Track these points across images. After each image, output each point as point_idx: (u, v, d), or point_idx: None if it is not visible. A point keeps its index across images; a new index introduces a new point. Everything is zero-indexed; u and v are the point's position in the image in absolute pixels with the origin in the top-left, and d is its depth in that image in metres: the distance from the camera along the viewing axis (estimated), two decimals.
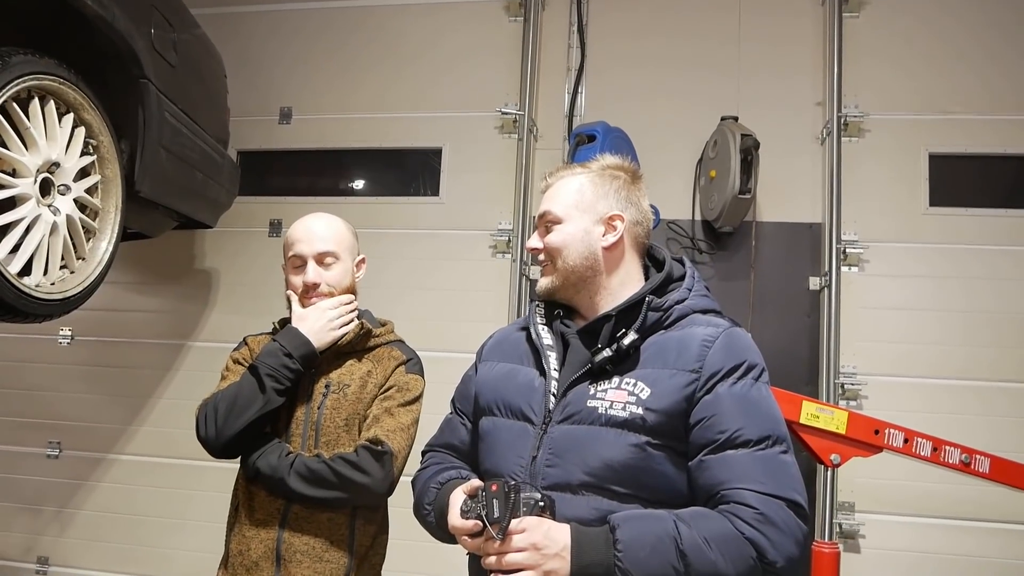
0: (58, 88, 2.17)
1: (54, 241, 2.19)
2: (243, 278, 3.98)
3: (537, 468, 1.43)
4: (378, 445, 1.85)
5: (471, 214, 3.83)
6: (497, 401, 1.57)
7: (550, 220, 1.56)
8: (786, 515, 1.30)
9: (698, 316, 1.50)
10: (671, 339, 1.46)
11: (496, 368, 1.64)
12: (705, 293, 1.56)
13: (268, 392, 1.86)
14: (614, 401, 1.41)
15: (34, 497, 4.00)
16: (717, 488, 1.33)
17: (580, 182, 1.58)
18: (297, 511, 1.87)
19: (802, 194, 3.64)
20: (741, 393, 1.39)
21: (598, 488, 1.38)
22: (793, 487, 1.33)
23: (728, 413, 1.37)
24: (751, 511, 1.29)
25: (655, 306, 1.49)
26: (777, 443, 1.37)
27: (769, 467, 1.34)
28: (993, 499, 3.13)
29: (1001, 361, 3.36)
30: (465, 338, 3.66)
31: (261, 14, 4.18)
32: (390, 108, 3.99)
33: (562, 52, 3.93)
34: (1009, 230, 3.44)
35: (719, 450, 1.35)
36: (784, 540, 1.28)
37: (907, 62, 3.62)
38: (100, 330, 4.02)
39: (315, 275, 1.98)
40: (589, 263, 1.53)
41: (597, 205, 1.55)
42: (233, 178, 3.57)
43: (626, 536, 1.29)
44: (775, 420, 1.40)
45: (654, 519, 1.32)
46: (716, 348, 1.42)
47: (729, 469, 1.33)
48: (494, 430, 1.55)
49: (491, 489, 1.35)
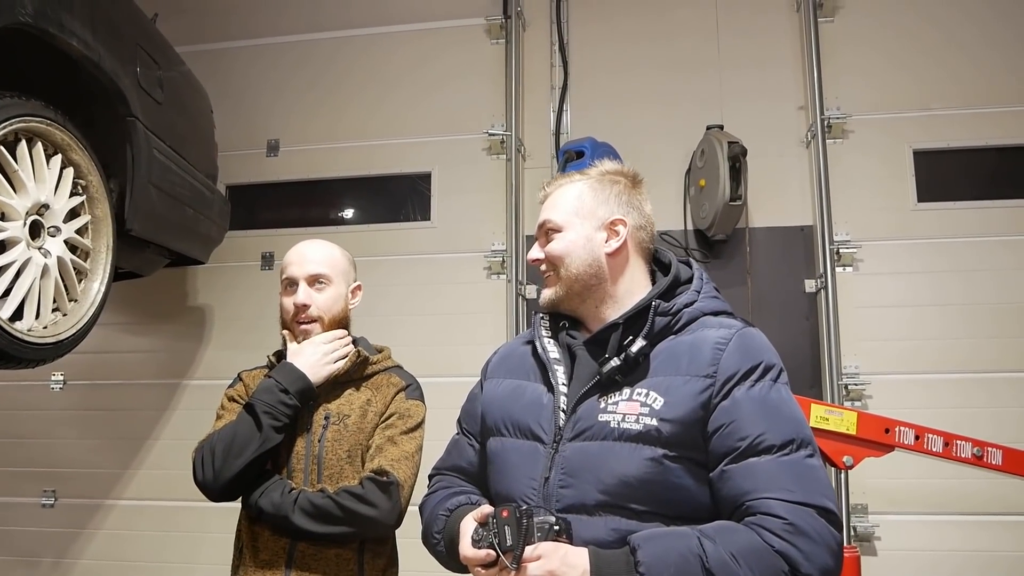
0: (45, 129, 2.15)
1: (45, 284, 2.16)
2: (237, 313, 3.95)
3: (550, 490, 1.37)
4: (383, 476, 1.81)
5: (463, 237, 3.82)
6: (505, 420, 1.51)
7: (550, 229, 1.52)
8: (818, 524, 1.22)
9: (709, 318, 1.45)
10: (682, 344, 1.40)
11: (502, 385, 1.58)
12: (715, 295, 1.51)
13: (266, 430, 1.81)
14: (627, 414, 1.35)
15: (30, 548, 3.92)
16: (741, 499, 1.26)
17: (579, 189, 1.53)
18: (303, 549, 1.82)
19: (792, 198, 3.66)
20: (760, 396, 1.32)
21: (616, 507, 1.32)
22: (823, 492, 1.26)
23: (748, 418, 1.30)
24: (779, 522, 1.21)
25: (663, 311, 1.43)
26: (802, 447, 1.29)
27: (795, 473, 1.27)
28: (1005, 491, 3.12)
29: (1003, 351, 3.37)
30: (464, 362, 3.66)
31: (245, 49, 4.19)
32: (377, 135, 4.00)
33: (545, 71, 3.96)
34: (998, 220, 3.47)
35: (741, 458, 1.28)
36: (817, 551, 1.21)
37: (885, 62, 3.66)
38: (93, 373, 3.97)
39: (305, 296, 1.95)
40: (593, 270, 1.48)
41: (598, 211, 1.51)
42: (223, 213, 3.55)
43: (648, 557, 1.22)
44: (798, 422, 1.33)
45: (677, 537, 1.25)
46: (730, 350, 1.36)
47: (753, 478, 1.26)
48: (503, 451, 1.49)
49: (502, 515, 1.29)
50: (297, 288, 1.96)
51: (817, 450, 1.33)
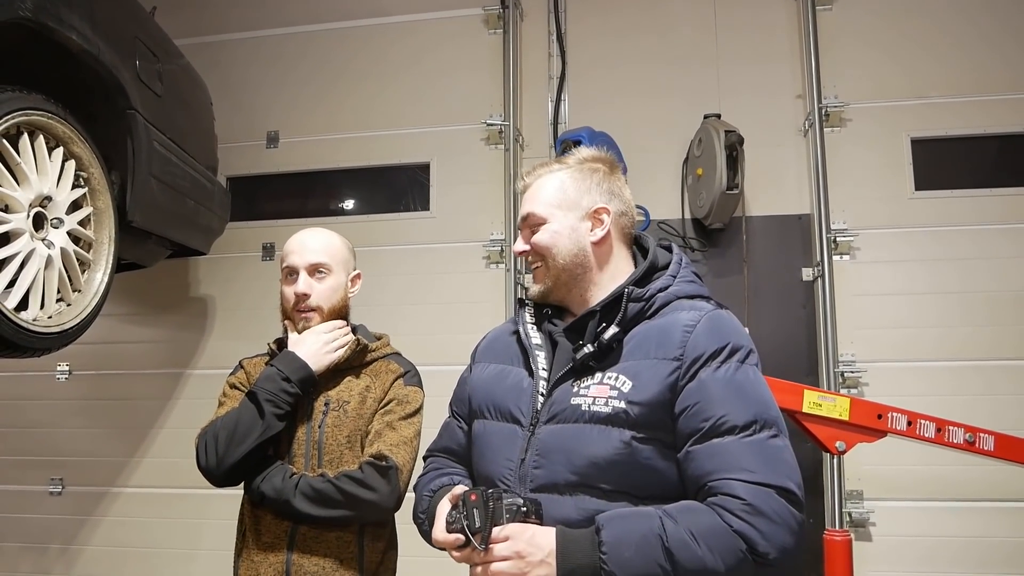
0: (47, 123, 2.18)
1: (49, 274, 2.20)
2: (239, 303, 3.98)
3: (525, 470, 1.41)
4: (383, 460, 1.84)
5: (462, 226, 3.85)
6: (488, 403, 1.55)
7: (534, 222, 1.54)
8: (777, 504, 1.24)
9: (682, 302, 1.46)
10: (654, 328, 1.42)
11: (488, 369, 1.62)
12: (691, 279, 1.52)
13: (268, 418, 1.85)
14: (596, 397, 1.37)
15: (39, 535, 3.98)
16: (704, 479, 1.28)
17: (560, 179, 1.54)
18: (305, 532, 1.86)
19: (789, 186, 3.68)
20: (725, 377, 1.34)
21: (585, 487, 1.35)
22: (785, 473, 1.27)
23: (712, 399, 1.31)
24: (739, 502, 1.23)
25: (636, 296, 1.45)
26: (766, 427, 1.30)
27: (758, 454, 1.28)
28: (1000, 477, 3.14)
29: (999, 339, 3.38)
30: (463, 350, 3.61)
31: (244, 41, 4.21)
32: (376, 126, 4.02)
33: (543, 61, 3.96)
34: (995, 208, 3.47)
35: (704, 439, 1.30)
36: (776, 531, 1.22)
37: (882, 50, 3.67)
38: (98, 363, 4.02)
39: (306, 286, 1.98)
40: (579, 260, 1.50)
41: (581, 200, 1.52)
42: (224, 204, 3.58)
43: (610, 537, 1.25)
44: (763, 403, 1.34)
45: (640, 517, 1.28)
46: (698, 332, 1.37)
47: (715, 458, 1.28)
48: (485, 433, 1.54)
49: (471, 499, 1.32)
50: (297, 277, 1.99)
51: (783, 431, 1.34)
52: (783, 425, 1.35)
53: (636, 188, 4.01)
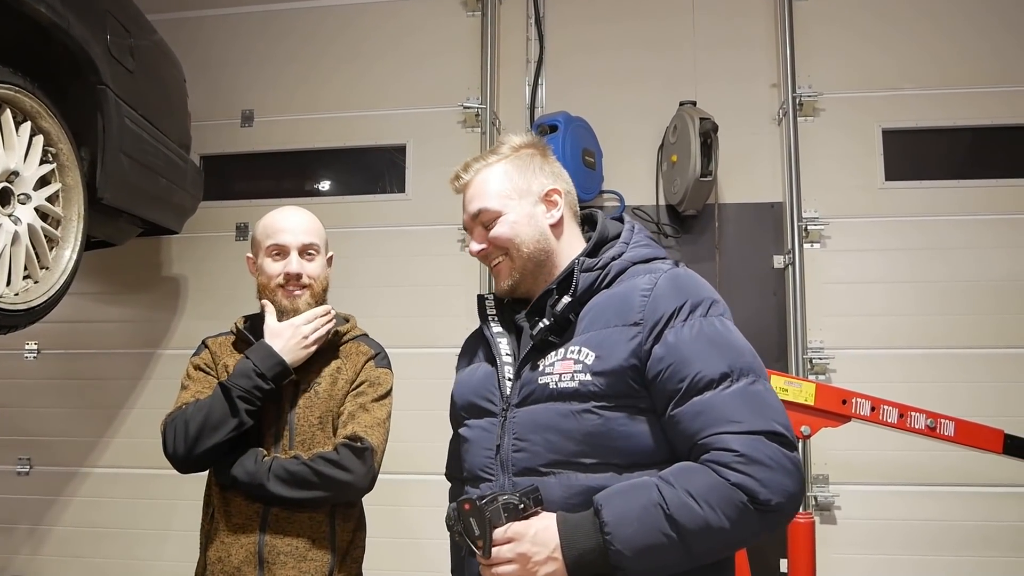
0: (14, 96, 2.14)
1: (16, 251, 2.16)
2: (211, 283, 3.95)
3: (504, 456, 1.40)
4: (358, 441, 1.85)
5: (438, 209, 3.83)
6: (463, 406, 1.55)
7: (488, 218, 1.50)
8: (770, 449, 1.22)
9: (638, 267, 1.44)
10: (612, 296, 1.41)
11: (462, 374, 1.63)
12: (645, 243, 1.50)
13: (240, 415, 1.84)
14: (562, 373, 1.36)
15: (6, 515, 3.94)
16: (694, 439, 1.26)
17: (503, 169, 1.52)
18: (277, 513, 1.86)
19: (762, 174, 3.71)
20: (691, 335, 1.31)
21: (568, 464, 1.34)
22: (771, 417, 1.25)
23: (682, 359, 1.29)
24: (731, 454, 1.21)
25: (587, 267, 1.43)
26: (743, 375, 1.28)
27: (740, 403, 1.26)
28: (961, 463, 3.23)
29: (964, 327, 3.46)
30: (437, 333, 3.71)
31: (219, 18, 4.15)
32: (352, 107, 3.98)
33: (521, 44, 3.96)
34: (964, 200, 3.54)
35: (684, 400, 1.28)
36: (774, 476, 1.20)
37: (856, 41, 3.70)
38: (67, 342, 3.97)
39: (299, 266, 1.97)
40: (542, 245, 1.49)
41: (531, 185, 1.50)
42: (197, 183, 3.54)
43: (611, 515, 1.23)
44: (735, 351, 1.32)
45: (638, 489, 1.25)
46: (655, 295, 1.35)
47: (699, 417, 1.26)
48: (468, 433, 1.53)
49: (464, 508, 1.30)
50: (286, 256, 1.98)
51: (761, 375, 1.32)
52: (760, 369, 1.33)
53: (611, 174, 4.07)
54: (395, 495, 3.41)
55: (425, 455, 3.53)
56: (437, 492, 3.53)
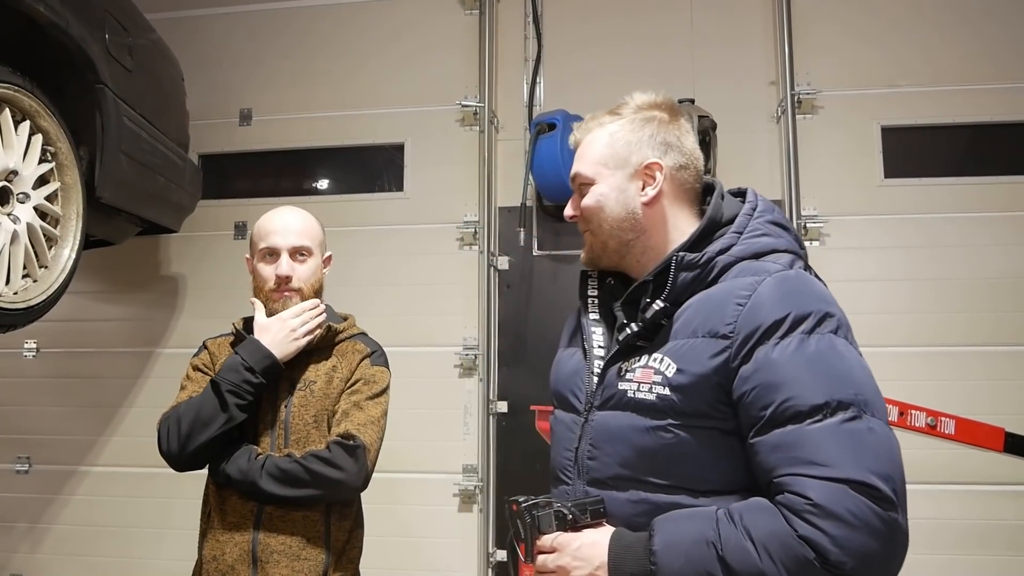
0: (13, 96, 2.14)
1: (15, 250, 2.17)
2: (210, 282, 3.95)
3: (581, 461, 1.31)
4: (350, 440, 1.85)
5: (436, 208, 3.84)
6: (555, 393, 1.47)
7: (582, 183, 1.39)
8: (854, 503, 1.04)
9: (748, 264, 1.26)
10: (707, 299, 1.25)
11: (563, 354, 1.51)
12: (764, 231, 1.31)
13: (230, 409, 1.84)
14: (640, 382, 1.24)
15: (5, 514, 3.94)
16: (770, 475, 1.12)
17: (610, 132, 1.38)
18: (271, 512, 1.86)
19: (761, 172, 3.70)
20: (786, 354, 1.14)
21: (636, 481, 1.23)
22: (864, 464, 1.06)
23: (772, 382, 1.13)
24: (805, 502, 1.05)
25: (688, 263, 1.27)
26: (840, 409, 1.10)
27: (829, 442, 1.08)
28: (962, 461, 3.21)
29: (969, 325, 3.43)
30: (435, 332, 3.71)
31: (217, 17, 4.14)
32: (350, 106, 3.98)
33: (519, 43, 3.95)
34: (964, 197, 3.53)
35: (766, 429, 1.13)
36: (852, 535, 1.03)
37: (855, 38, 3.70)
38: (66, 341, 3.96)
39: (288, 268, 1.96)
40: (628, 224, 1.35)
41: (631, 157, 1.35)
42: (195, 181, 3.54)
43: (661, 543, 1.13)
44: (839, 378, 1.12)
45: (696, 520, 1.14)
46: (754, 303, 1.18)
47: (779, 452, 1.10)
48: (554, 423, 1.45)
49: (512, 509, 1.26)
50: (278, 258, 1.97)
51: (868, 410, 1.12)
52: (871, 403, 1.13)
53: None
54: (393, 494, 3.42)
55: (423, 454, 3.57)
56: (435, 491, 3.59)
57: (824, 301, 1.21)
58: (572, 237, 3.71)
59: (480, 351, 3.68)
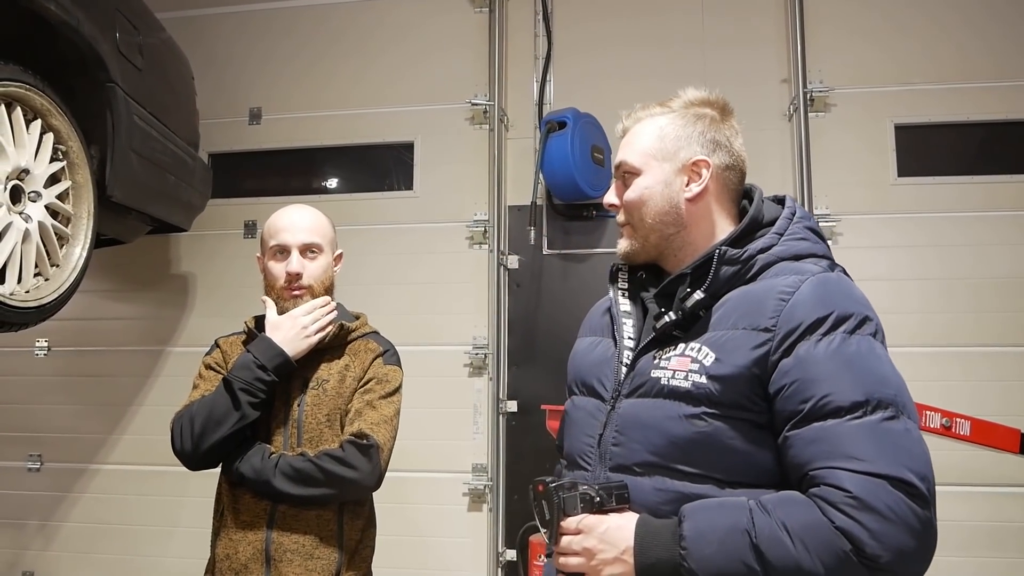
0: (24, 94, 2.15)
1: (27, 248, 2.17)
2: (220, 280, 3.96)
3: (604, 447, 1.32)
4: (363, 439, 1.85)
5: (446, 206, 3.83)
6: (576, 378, 1.47)
7: (627, 171, 1.41)
8: (892, 498, 1.06)
9: (786, 264, 1.29)
10: (748, 294, 1.27)
11: (583, 344, 1.52)
12: (802, 235, 1.34)
13: (243, 407, 1.84)
14: (676, 370, 1.25)
15: (17, 511, 3.96)
16: (805, 468, 1.13)
17: (660, 125, 1.39)
18: (284, 511, 1.86)
19: (772, 170, 3.68)
20: (828, 351, 1.16)
21: (664, 468, 1.24)
22: (902, 462, 1.09)
23: (813, 377, 1.15)
24: (843, 494, 1.07)
25: (730, 258, 1.29)
26: (880, 407, 1.12)
27: (869, 438, 1.10)
28: (977, 463, 3.18)
29: (980, 326, 3.40)
30: (444, 331, 3.71)
31: (226, 16, 4.15)
32: (360, 104, 3.98)
33: (529, 41, 3.94)
34: (978, 196, 3.50)
35: (804, 423, 1.14)
36: (889, 529, 1.05)
37: (868, 36, 3.67)
38: (77, 340, 3.98)
39: (299, 265, 1.97)
40: (671, 218, 1.37)
41: (680, 152, 1.37)
42: (205, 180, 3.55)
43: (692, 530, 1.14)
44: (877, 379, 1.15)
45: (728, 509, 1.15)
46: (797, 300, 1.21)
47: (817, 445, 1.12)
48: (572, 409, 1.46)
49: (538, 490, 1.26)
50: (289, 256, 1.98)
51: (905, 411, 1.15)
52: (907, 406, 1.16)
53: None
54: (403, 493, 3.42)
55: (432, 453, 3.57)
56: (447, 490, 3.59)
57: (865, 305, 1.24)
58: (582, 236, 3.71)
59: (490, 350, 3.67)
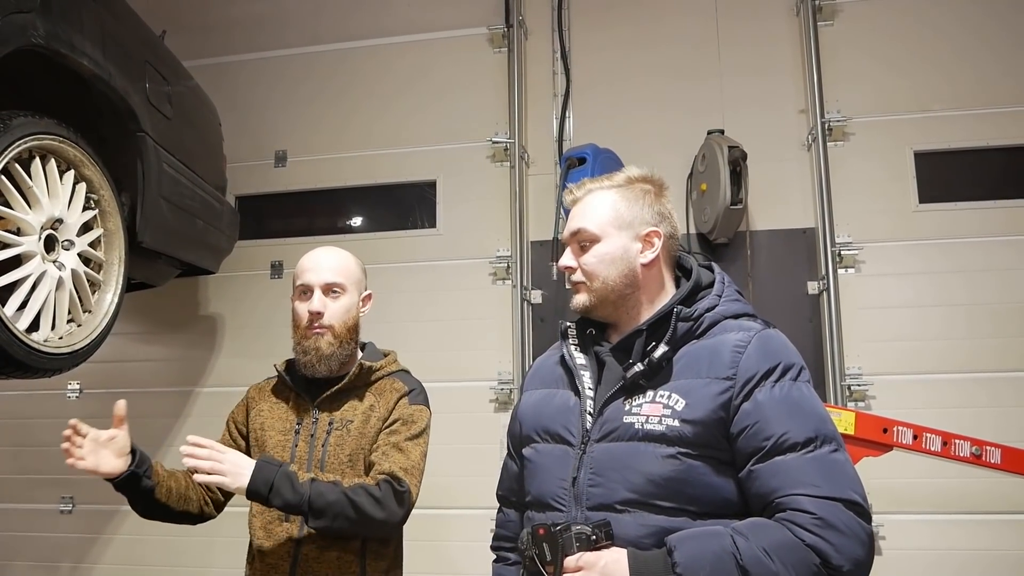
0: (58, 146, 2.21)
1: (60, 296, 2.22)
2: (247, 321, 4.01)
3: (580, 489, 1.43)
4: (400, 484, 1.84)
5: (469, 243, 3.87)
6: (537, 428, 1.57)
7: (586, 239, 1.54)
8: (846, 517, 1.26)
9: (729, 322, 1.48)
10: (704, 348, 1.44)
11: (535, 396, 1.64)
12: (736, 297, 1.54)
13: None
14: (650, 415, 1.39)
15: (49, 554, 3.99)
16: (771, 496, 1.31)
17: (612, 198, 1.55)
18: (307, 553, 1.87)
19: (793, 200, 3.69)
20: (781, 396, 1.36)
21: (644, 504, 1.37)
22: (849, 486, 1.29)
23: (771, 418, 1.34)
24: (808, 516, 1.25)
25: (684, 316, 1.46)
26: (826, 442, 1.33)
27: (821, 468, 1.30)
28: (1007, 490, 3.11)
29: (1005, 351, 3.37)
30: (469, 366, 3.72)
31: (252, 62, 4.26)
32: (382, 144, 4.05)
33: (547, 79, 4.00)
34: (999, 221, 3.48)
35: (767, 457, 1.33)
36: (847, 543, 1.24)
37: (884, 64, 3.68)
38: (108, 382, 4.02)
39: (320, 304, 1.98)
40: (628, 280, 1.52)
41: (634, 222, 1.53)
42: (233, 223, 3.62)
43: (684, 558, 1.26)
44: (820, 418, 1.36)
45: (711, 536, 1.29)
46: (749, 353, 1.40)
47: (780, 476, 1.31)
48: (536, 456, 1.56)
49: (539, 533, 1.34)
50: (312, 295, 1.99)
51: (842, 444, 1.36)
52: (840, 439, 1.37)
53: None
54: (433, 530, 3.40)
55: (463, 489, 3.55)
56: (476, 527, 3.57)
57: (798, 356, 1.45)
58: None
59: (515, 385, 3.67)
